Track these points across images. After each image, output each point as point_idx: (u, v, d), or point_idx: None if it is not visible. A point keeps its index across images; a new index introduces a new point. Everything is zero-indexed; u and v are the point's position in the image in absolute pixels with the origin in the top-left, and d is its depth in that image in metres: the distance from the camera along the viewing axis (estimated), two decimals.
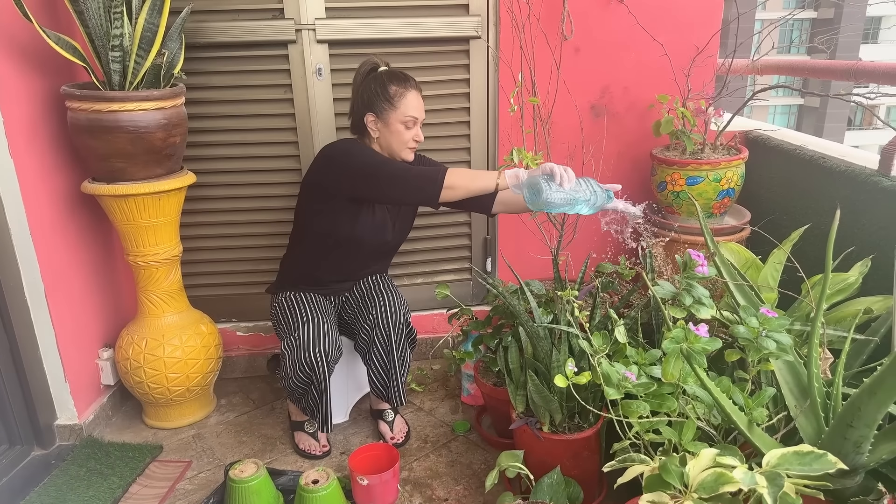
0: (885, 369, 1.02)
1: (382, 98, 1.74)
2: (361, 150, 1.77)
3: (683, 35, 2.14)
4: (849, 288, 1.52)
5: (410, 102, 1.75)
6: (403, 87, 1.75)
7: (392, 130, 1.76)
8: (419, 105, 1.78)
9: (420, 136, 1.80)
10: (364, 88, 1.77)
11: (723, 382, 1.20)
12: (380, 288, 1.90)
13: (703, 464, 0.98)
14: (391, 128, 1.76)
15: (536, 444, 1.54)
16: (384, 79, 1.75)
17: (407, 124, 1.76)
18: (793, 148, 2.03)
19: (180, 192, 1.92)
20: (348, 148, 1.77)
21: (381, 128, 1.77)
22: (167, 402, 2.00)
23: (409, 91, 1.75)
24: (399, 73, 1.78)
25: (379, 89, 1.74)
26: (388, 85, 1.74)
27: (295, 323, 1.78)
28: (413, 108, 1.76)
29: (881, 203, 1.62)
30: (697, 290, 1.29)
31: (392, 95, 1.74)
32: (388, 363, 1.82)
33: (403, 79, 1.77)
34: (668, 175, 2.02)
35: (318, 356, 1.70)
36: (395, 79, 1.75)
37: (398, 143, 1.78)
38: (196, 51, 2.02)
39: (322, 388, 1.74)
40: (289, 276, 1.94)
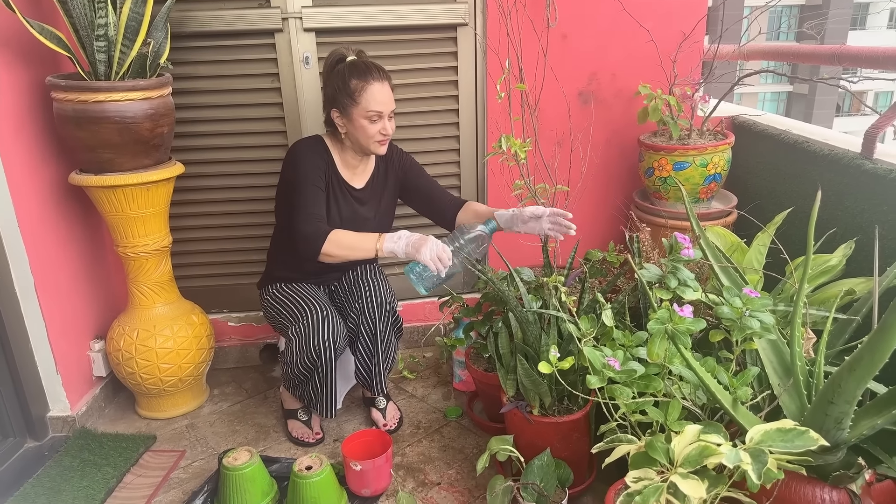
0: (864, 346, 1.05)
1: (343, 93, 1.69)
2: (310, 165, 1.76)
3: (670, 21, 2.15)
4: (832, 270, 1.54)
5: (373, 96, 1.69)
6: (364, 81, 1.68)
7: (356, 126, 1.72)
8: (384, 98, 1.71)
9: (388, 128, 1.75)
10: (328, 82, 1.74)
11: (708, 363, 1.23)
12: (367, 277, 1.91)
13: (687, 439, 1.00)
14: (355, 123, 1.72)
15: (527, 428, 1.57)
16: (345, 72, 1.70)
17: (371, 118, 1.71)
18: (778, 132, 2.05)
19: (169, 183, 1.92)
20: (301, 156, 1.77)
21: (346, 123, 1.74)
22: (160, 392, 2.00)
23: (371, 84, 1.68)
24: (361, 65, 1.71)
25: (340, 84, 1.70)
26: (349, 79, 1.68)
27: (300, 311, 1.78)
28: (375, 103, 1.69)
29: (864, 186, 1.65)
30: (683, 272, 1.31)
31: (353, 90, 1.68)
32: (373, 351, 1.84)
33: (364, 71, 1.69)
34: (656, 161, 2.03)
35: (326, 343, 1.72)
36: (356, 72, 1.69)
37: (364, 138, 1.74)
38: (182, 40, 2.01)
39: (328, 375, 1.76)
40: (275, 267, 1.95)
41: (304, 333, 1.73)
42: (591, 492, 1.64)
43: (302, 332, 1.74)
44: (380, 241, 1.65)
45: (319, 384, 1.78)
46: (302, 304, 1.80)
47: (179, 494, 1.71)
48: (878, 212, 1.59)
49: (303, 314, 1.77)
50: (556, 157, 2.23)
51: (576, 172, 2.23)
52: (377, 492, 1.67)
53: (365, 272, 1.94)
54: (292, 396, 1.94)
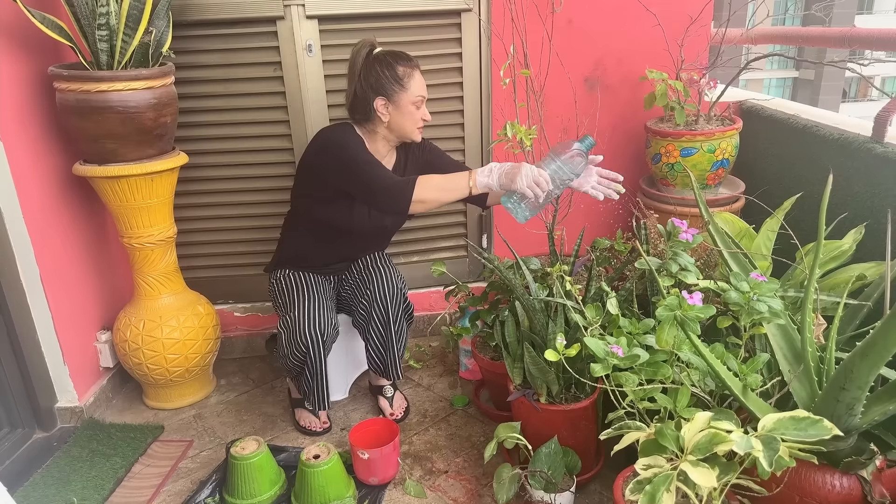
0: (876, 332, 1.03)
1: (392, 80, 1.70)
2: (356, 145, 1.75)
3: (676, 4, 2.11)
4: (843, 255, 1.52)
5: (418, 81, 1.73)
6: (410, 67, 1.72)
7: (404, 113, 1.73)
8: (423, 83, 1.75)
9: (428, 115, 1.78)
10: (368, 72, 1.71)
11: (717, 349, 1.22)
12: (377, 264, 1.90)
13: (698, 426, 0.99)
14: (403, 110, 1.73)
15: (534, 415, 1.56)
16: (390, 60, 1.70)
17: (417, 104, 1.74)
18: (786, 117, 2.03)
19: (173, 173, 1.91)
20: (344, 140, 1.75)
21: (392, 111, 1.74)
22: (167, 382, 2.01)
23: (416, 70, 1.73)
24: (402, 54, 1.74)
25: (387, 71, 1.70)
26: (396, 66, 1.70)
27: (292, 301, 1.78)
28: (421, 87, 1.74)
29: (875, 170, 1.63)
30: (683, 257, 1.29)
31: (401, 76, 1.70)
32: (386, 338, 1.83)
33: (407, 58, 1.73)
34: (663, 147, 2.01)
35: (313, 335, 1.71)
36: (401, 59, 1.72)
37: (410, 124, 1.76)
38: (184, 29, 2.00)
39: (317, 367, 1.75)
40: (285, 256, 1.94)
41: (293, 324, 1.73)
42: (600, 479, 1.64)
43: (290, 322, 1.74)
44: (471, 177, 1.63)
45: (310, 375, 1.77)
46: (296, 294, 1.80)
47: (188, 484, 1.71)
48: (889, 196, 1.57)
49: (293, 304, 1.77)
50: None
51: None
52: (385, 480, 1.67)
53: (374, 260, 1.93)
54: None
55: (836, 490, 1.14)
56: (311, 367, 1.76)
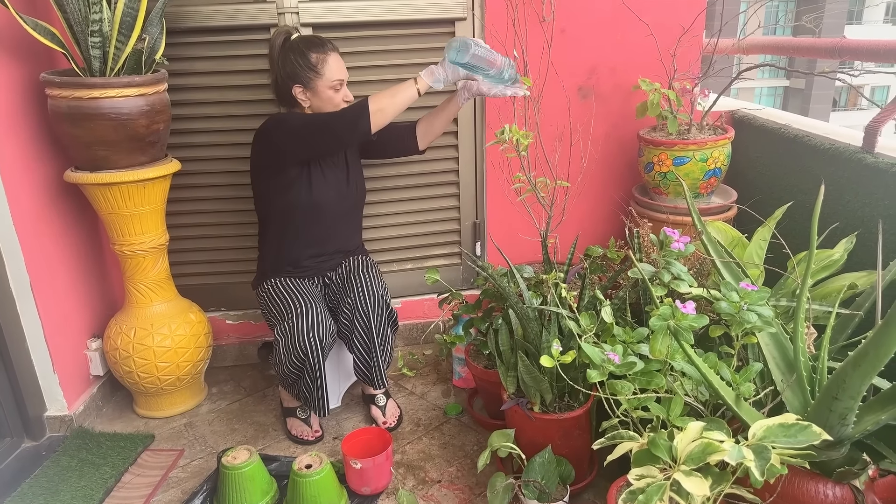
0: (868, 342, 1.04)
1: (306, 68, 1.75)
2: (290, 114, 1.82)
3: (669, 14, 2.13)
4: (834, 264, 1.53)
5: (333, 66, 1.77)
6: (323, 53, 1.76)
7: (322, 98, 1.79)
8: (341, 66, 1.80)
9: (349, 95, 1.83)
10: (283, 61, 1.77)
11: (710, 358, 1.22)
12: (359, 271, 1.90)
13: (690, 436, 0.99)
14: (321, 95, 1.78)
15: (528, 424, 1.56)
16: (301, 48, 1.76)
17: (335, 87, 1.78)
18: (778, 127, 2.04)
19: (165, 180, 1.90)
20: (278, 118, 1.81)
21: (310, 97, 1.80)
22: (158, 391, 1.99)
23: (330, 55, 1.77)
24: (314, 39, 1.79)
25: (300, 59, 1.75)
26: (308, 53, 1.75)
27: (287, 309, 1.77)
28: (337, 72, 1.78)
29: (865, 180, 1.64)
30: (676, 266, 1.30)
31: (315, 63, 1.75)
32: (370, 346, 1.83)
33: (320, 44, 1.78)
34: (655, 156, 2.02)
35: (312, 341, 1.70)
36: (313, 46, 1.77)
37: (331, 108, 1.80)
38: (177, 36, 2.00)
39: (316, 373, 1.74)
40: (266, 264, 1.94)
41: (290, 332, 1.72)
42: (593, 488, 1.64)
43: (287, 330, 1.73)
44: (418, 82, 1.72)
45: (310, 382, 1.76)
46: (289, 302, 1.79)
47: (178, 494, 1.69)
48: (879, 206, 1.59)
49: (289, 312, 1.76)
50: (556, 151, 2.22)
51: (576, 167, 2.21)
52: (377, 490, 1.66)
53: (357, 267, 1.92)
54: (289, 395, 1.93)
55: (828, 500, 1.14)
56: (310, 373, 1.74)
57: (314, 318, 1.73)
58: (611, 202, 2.37)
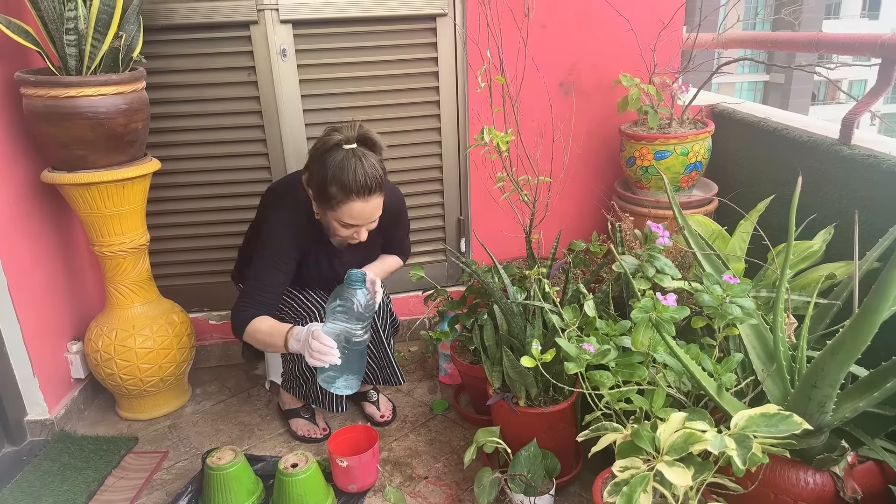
0: (845, 331, 1.05)
1: (322, 193, 1.56)
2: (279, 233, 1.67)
3: (649, 9, 2.14)
4: (813, 255, 1.55)
5: (350, 212, 1.57)
6: (346, 196, 1.53)
7: (328, 220, 1.64)
8: (364, 214, 1.58)
9: (361, 236, 1.65)
10: (313, 162, 1.58)
11: (692, 350, 1.23)
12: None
13: (673, 427, 1.00)
14: (326, 217, 1.64)
15: (513, 419, 1.56)
16: (328, 173, 1.53)
17: (343, 225, 1.61)
18: (757, 120, 2.06)
19: (145, 180, 1.88)
20: (271, 217, 1.70)
21: (319, 212, 1.65)
22: (140, 393, 1.97)
23: (352, 203, 1.55)
24: (349, 174, 1.51)
25: (321, 180, 1.55)
26: (329, 185, 1.53)
27: (299, 316, 1.75)
28: (351, 217, 1.58)
29: (842, 172, 1.66)
30: (660, 260, 1.31)
31: (331, 197, 1.55)
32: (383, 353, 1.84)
33: (349, 187, 1.52)
34: (637, 150, 2.03)
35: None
36: (340, 183, 1.52)
37: (334, 234, 1.70)
38: (155, 33, 1.97)
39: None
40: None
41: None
42: (579, 481, 1.65)
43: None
44: (289, 335, 1.56)
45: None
46: (300, 309, 1.76)
47: (163, 496, 1.68)
48: (856, 197, 1.61)
49: (295, 308, 1.75)
50: (538, 148, 2.23)
51: (558, 163, 2.22)
52: (364, 487, 1.66)
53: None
54: (292, 397, 1.92)
55: (809, 486, 1.16)
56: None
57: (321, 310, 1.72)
58: (593, 197, 2.39)
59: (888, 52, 1.57)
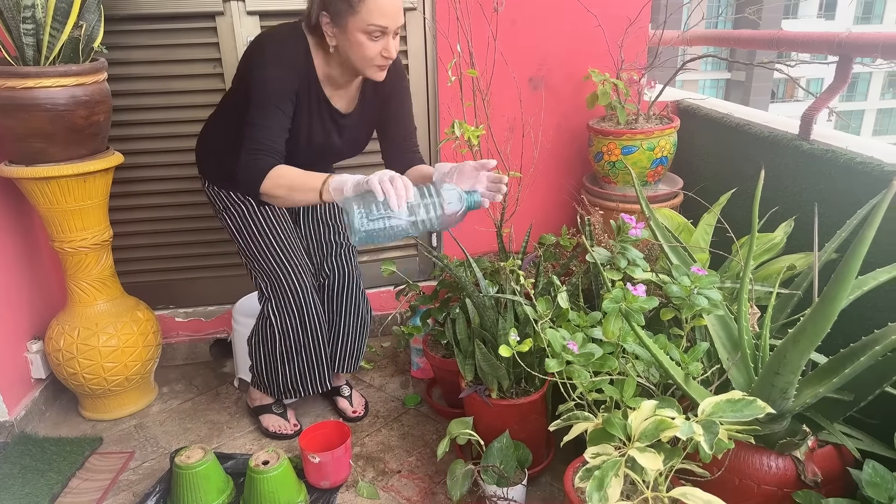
0: (806, 319, 1.09)
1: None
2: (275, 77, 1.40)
3: (616, 6, 2.17)
4: (775, 247, 1.60)
5: (378, 6, 1.32)
6: None
7: (352, 42, 1.36)
8: (392, 9, 1.34)
9: (392, 50, 1.39)
10: None
11: (660, 340, 1.26)
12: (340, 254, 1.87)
13: (644, 414, 1.02)
14: (350, 38, 1.36)
15: (486, 411, 1.57)
16: None
17: (370, 33, 1.35)
18: (720, 116, 2.11)
19: (107, 174, 1.83)
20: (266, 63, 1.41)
21: (337, 35, 1.38)
22: (104, 392, 1.92)
23: None
24: None
25: None
26: None
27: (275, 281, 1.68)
28: (380, 15, 1.32)
29: (802, 166, 1.71)
30: (631, 252, 1.33)
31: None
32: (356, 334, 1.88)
33: None
34: (605, 145, 2.06)
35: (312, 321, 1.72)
36: None
37: (360, 59, 1.39)
38: (117, 23, 1.92)
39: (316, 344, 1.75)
40: (217, 166, 1.64)
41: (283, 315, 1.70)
42: (550, 471, 1.67)
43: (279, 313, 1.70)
44: (326, 183, 1.32)
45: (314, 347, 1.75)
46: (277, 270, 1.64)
47: (130, 497, 1.64)
48: (815, 190, 1.66)
49: (278, 289, 1.68)
50: (508, 142, 2.24)
51: (528, 158, 2.24)
52: (336, 483, 1.65)
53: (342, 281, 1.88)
54: (262, 393, 1.89)
55: (772, 471, 1.20)
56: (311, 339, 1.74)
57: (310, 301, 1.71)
58: (563, 191, 2.41)
59: (845, 50, 1.62)
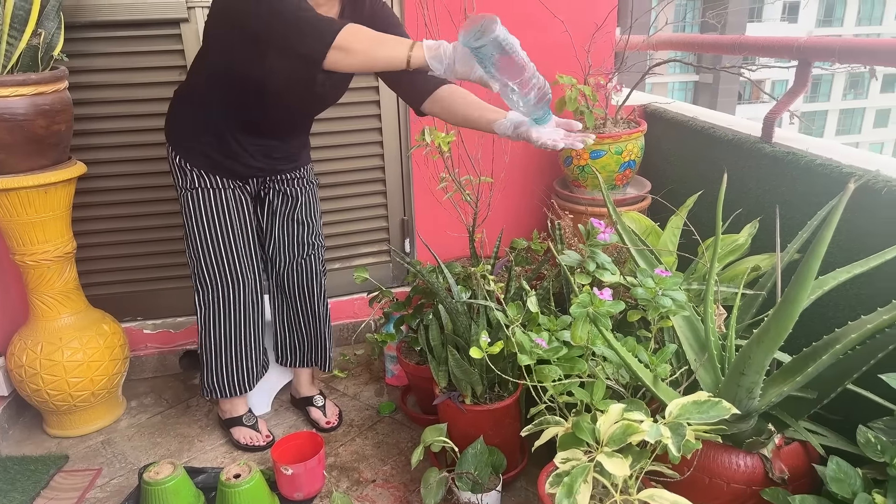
0: (769, 320, 1.11)
1: None
2: None
3: (582, 12, 2.20)
4: (739, 248, 1.63)
5: None
6: None
7: None
8: None
9: None
10: None
11: (628, 342, 1.27)
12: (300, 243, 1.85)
13: (612, 418, 1.03)
14: None
15: (460, 417, 1.57)
16: None
17: None
18: (686, 119, 2.14)
19: (69, 184, 1.79)
20: None
21: None
22: (70, 408, 1.87)
23: None
24: None
25: None
26: None
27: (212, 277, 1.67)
28: None
29: (765, 168, 1.75)
30: (600, 256, 1.34)
31: None
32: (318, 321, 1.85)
33: None
34: (573, 150, 2.08)
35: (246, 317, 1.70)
36: None
37: None
38: (78, 31, 1.88)
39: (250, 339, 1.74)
40: (187, 128, 1.60)
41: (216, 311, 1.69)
42: (525, 475, 1.67)
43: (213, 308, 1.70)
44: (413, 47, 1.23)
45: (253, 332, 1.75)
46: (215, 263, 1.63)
47: None
48: (777, 192, 1.70)
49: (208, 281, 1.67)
50: (479, 148, 2.24)
51: (499, 163, 2.25)
52: (310, 495, 1.63)
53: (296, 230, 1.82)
54: (231, 404, 1.86)
55: (741, 469, 1.22)
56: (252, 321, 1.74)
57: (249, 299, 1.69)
58: (534, 196, 2.43)
59: (804, 54, 1.66)
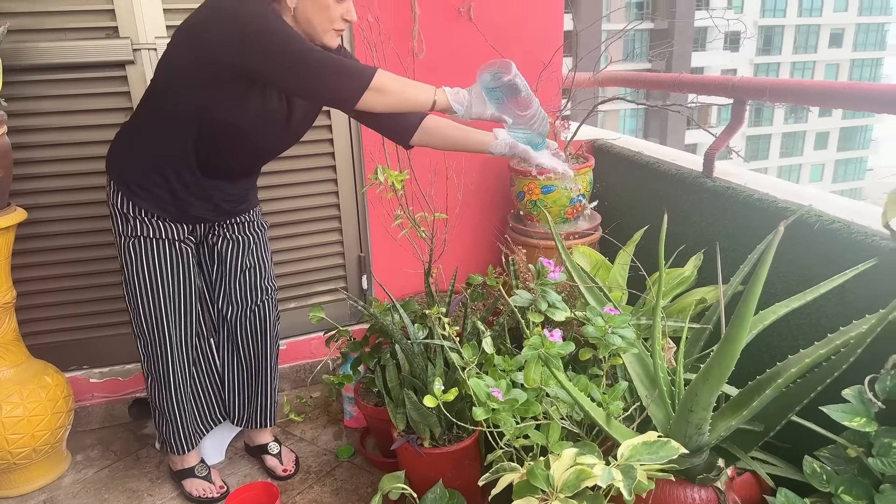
0: (713, 358, 1.14)
1: None
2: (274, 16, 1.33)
3: (529, 51, 2.26)
4: (686, 281, 1.67)
5: None
6: None
7: (317, 3, 1.35)
8: None
9: (353, 13, 1.40)
10: None
11: (581, 381, 1.28)
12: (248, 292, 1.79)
13: (565, 464, 1.03)
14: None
15: (419, 461, 1.55)
16: None
17: None
18: (632, 154, 2.21)
19: (9, 232, 1.72)
20: (259, 10, 1.31)
21: None
22: (9, 467, 1.78)
23: None
24: None
25: None
26: None
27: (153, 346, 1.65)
28: None
29: (707, 202, 1.81)
30: (551, 295, 1.36)
31: None
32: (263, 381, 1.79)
33: None
34: (525, 185, 2.12)
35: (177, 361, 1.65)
36: None
37: (321, 21, 1.37)
38: (18, 74, 1.83)
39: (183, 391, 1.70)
40: (134, 167, 1.54)
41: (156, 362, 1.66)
42: None
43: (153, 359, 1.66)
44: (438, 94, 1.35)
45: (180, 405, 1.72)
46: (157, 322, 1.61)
47: None
48: (720, 225, 1.76)
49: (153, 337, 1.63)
50: (432, 184, 2.26)
51: (452, 199, 2.27)
52: None
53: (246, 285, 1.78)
54: (181, 456, 1.79)
55: (696, 503, 1.24)
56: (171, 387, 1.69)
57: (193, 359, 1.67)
58: (488, 231, 2.45)
59: (738, 93, 1.75)
